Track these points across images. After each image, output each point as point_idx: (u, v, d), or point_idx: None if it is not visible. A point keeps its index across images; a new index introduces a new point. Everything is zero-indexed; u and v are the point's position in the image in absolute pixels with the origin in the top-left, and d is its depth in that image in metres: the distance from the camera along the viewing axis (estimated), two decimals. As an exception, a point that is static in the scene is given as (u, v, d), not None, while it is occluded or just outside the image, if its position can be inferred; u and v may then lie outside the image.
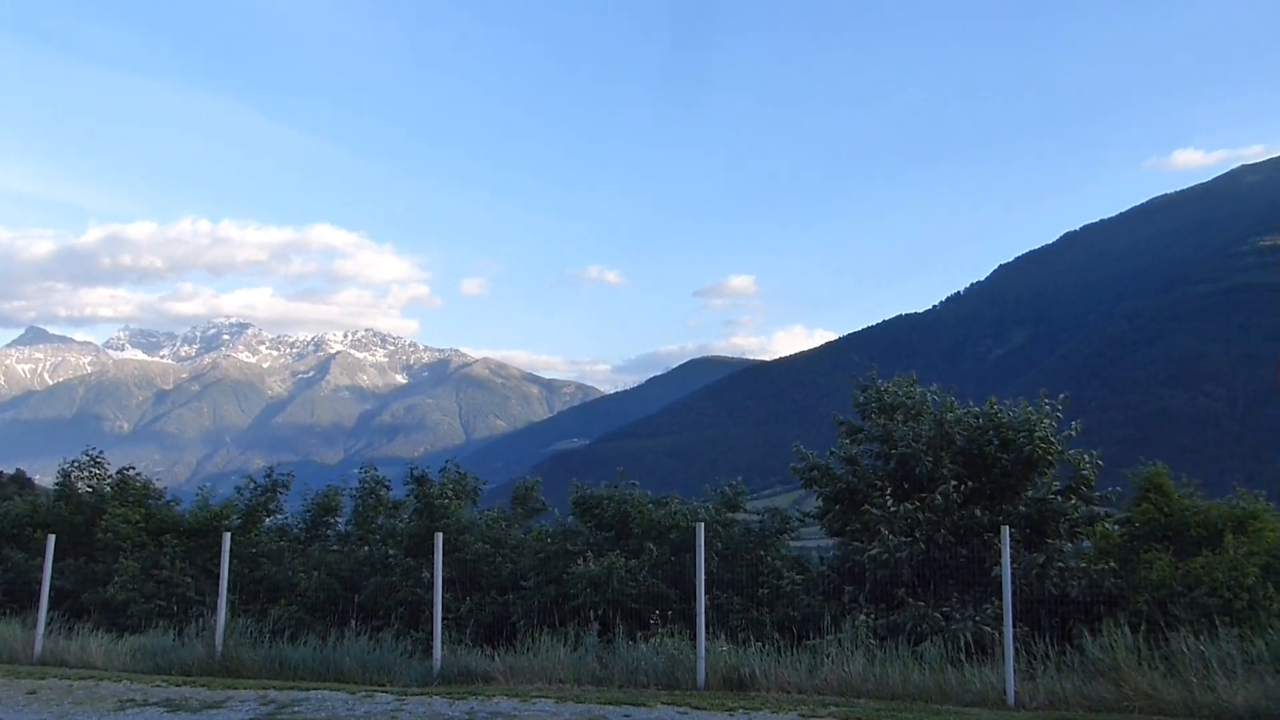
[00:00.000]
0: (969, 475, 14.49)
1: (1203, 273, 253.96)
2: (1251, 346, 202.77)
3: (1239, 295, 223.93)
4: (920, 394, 15.85)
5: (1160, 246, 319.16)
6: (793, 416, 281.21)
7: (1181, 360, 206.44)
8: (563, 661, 12.23)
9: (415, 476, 18.33)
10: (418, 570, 15.99)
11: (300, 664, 13.12)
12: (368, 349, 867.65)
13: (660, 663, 11.80)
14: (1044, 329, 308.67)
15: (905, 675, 10.85)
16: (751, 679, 11.24)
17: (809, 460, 15.80)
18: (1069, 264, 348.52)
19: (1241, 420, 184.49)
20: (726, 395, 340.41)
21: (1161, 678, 9.88)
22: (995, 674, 10.64)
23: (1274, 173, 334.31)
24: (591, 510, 16.31)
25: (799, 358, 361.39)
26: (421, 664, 12.94)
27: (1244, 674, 9.77)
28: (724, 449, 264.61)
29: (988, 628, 12.20)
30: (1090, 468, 14.62)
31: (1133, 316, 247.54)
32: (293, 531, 19.13)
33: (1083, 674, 10.45)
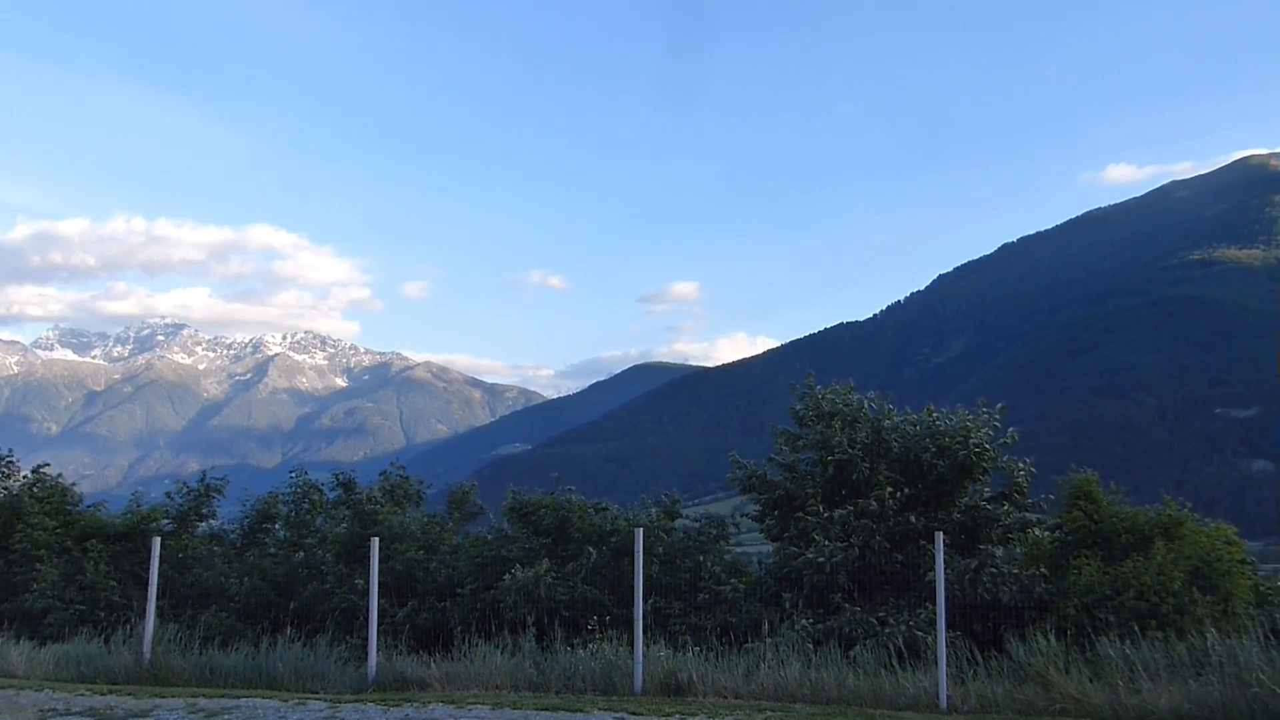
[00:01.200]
0: (905, 482, 14.68)
1: (1134, 285, 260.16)
2: (1180, 357, 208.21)
3: (1168, 307, 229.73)
4: (857, 401, 16.01)
5: (1094, 259, 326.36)
6: (734, 423, 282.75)
7: (1113, 370, 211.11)
8: (500, 668, 12.14)
9: (342, 482, 18.06)
10: (351, 577, 15.79)
11: (231, 671, 12.87)
12: (307, 351, 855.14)
13: (598, 668, 11.77)
14: (982, 338, 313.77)
15: (840, 680, 10.94)
16: (689, 684, 11.25)
17: (746, 469, 15.92)
18: (1006, 275, 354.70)
19: (1170, 429, 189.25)
20: (669, 401, 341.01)
21: (1088, 682, 10.08)
22: (928, 678, 10.77)
23: (1202, 189, 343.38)
24: (528, 516, 16.23)
25: (741, 364, 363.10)
26: (356, 671, 12.76)
27: (1167, 677, 9.99)
28: (666, 455, 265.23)
29: (921, 632, 12.36)
30: (1023, 475, 14.90)
31: (1067, 327, 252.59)
32: (229, 537, 18.75)
33: (1013, 678, 10.63)
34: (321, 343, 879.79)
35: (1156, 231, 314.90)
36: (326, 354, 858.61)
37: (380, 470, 18.88)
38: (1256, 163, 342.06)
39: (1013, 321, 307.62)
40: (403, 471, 18.84)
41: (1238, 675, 9.49)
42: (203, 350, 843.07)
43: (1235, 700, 9.27)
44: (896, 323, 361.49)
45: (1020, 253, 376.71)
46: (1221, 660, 9.79)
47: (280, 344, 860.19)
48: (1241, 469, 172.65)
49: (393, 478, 18.37)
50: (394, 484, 18.31)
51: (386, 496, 17.65)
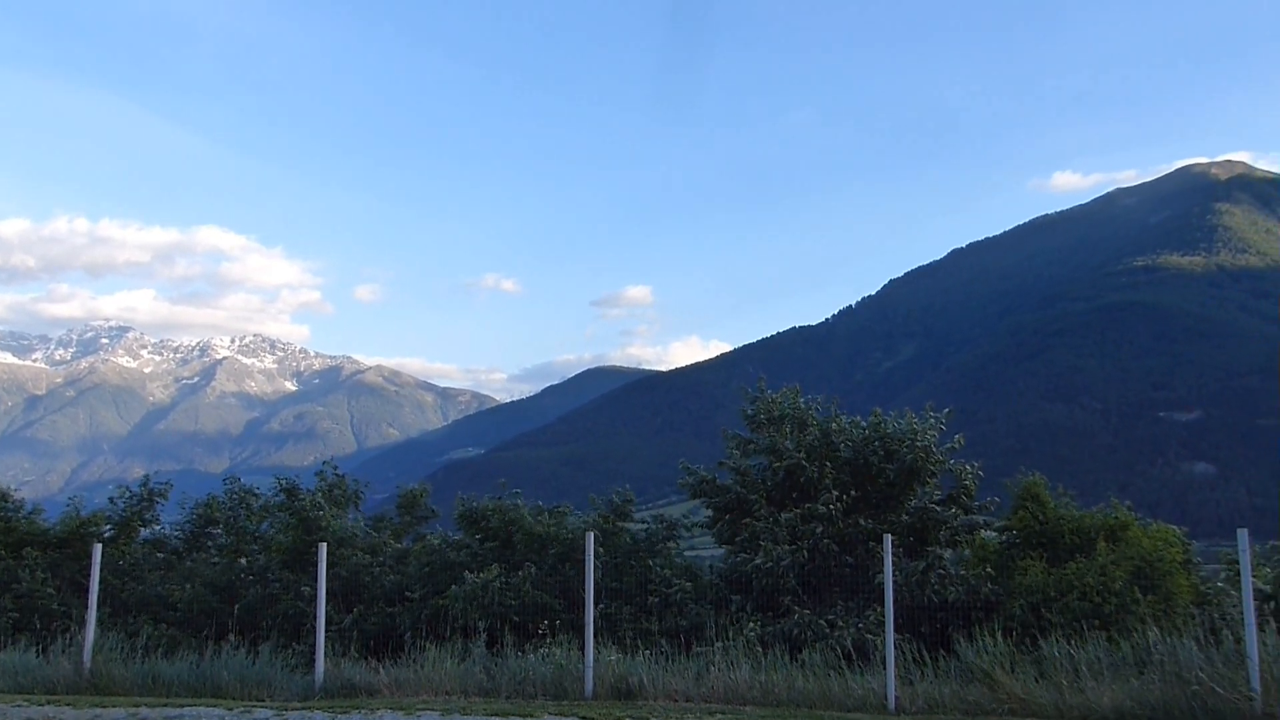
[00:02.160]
0: (854, 485, 14.80)
1: (1080, 290, 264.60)
2: (1124, 362, 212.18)
3: (1113, 313, 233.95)
4: (806, 405, 16.12)
5: (1041, 264, 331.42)
6: (688, 426, 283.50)
7: (1060, 374, 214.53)
8: (449, 673, 12.04)
9: (285, 488, 17.81)
10: (297, 583, 15.58)
11: (175, 680, 12.62)
12: (256, 355, 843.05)
13: (548, 673, 11.72)
14: (932, 342, 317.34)
15: (790, 682, 10.99)
16: (640, 688, 11.24)
17: (696, 475, 15.97)
18: (956, 280, 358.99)
19: (1115, 432, 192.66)
20: (622, 405, 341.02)
21: (1034, 681, 10.21)
22: (877, 680, 10.85)
23: (1147, 196, 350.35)
24: (477, 523, 16.15)
25: (694, 368, 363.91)
26: (303, 678, 12.59)
27: (1110, 676, 10.16)
28: (620, 458, 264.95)
29: (870, 634, 12.45)
30: (971, 478, 15.08)
31: (1015, 331, 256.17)
32: (171, 543, 18.41)
33: (960, 679, 10.74)
34: (271, 346, 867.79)
35: (1102, 238, 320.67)
36: (276, 357, 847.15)
37: (315, 470, 18.55)
38: (1198, 171, 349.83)
39: (962, 326, 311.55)
40: (338, 471, 18.55)
41: (1178, 674, 9.66)
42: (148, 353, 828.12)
43: (1175, 698, 9.44)
44: (848, 327, 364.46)
45: (969, 258, 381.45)
46: (1162, 659, 9.96)
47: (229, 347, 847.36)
48: (1184, 471, 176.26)
49: (329, 478, 18.09)
50: (331, 484, 18.04)
51: (326, 498, 17.40)
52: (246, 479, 19.07)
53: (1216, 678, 9.37)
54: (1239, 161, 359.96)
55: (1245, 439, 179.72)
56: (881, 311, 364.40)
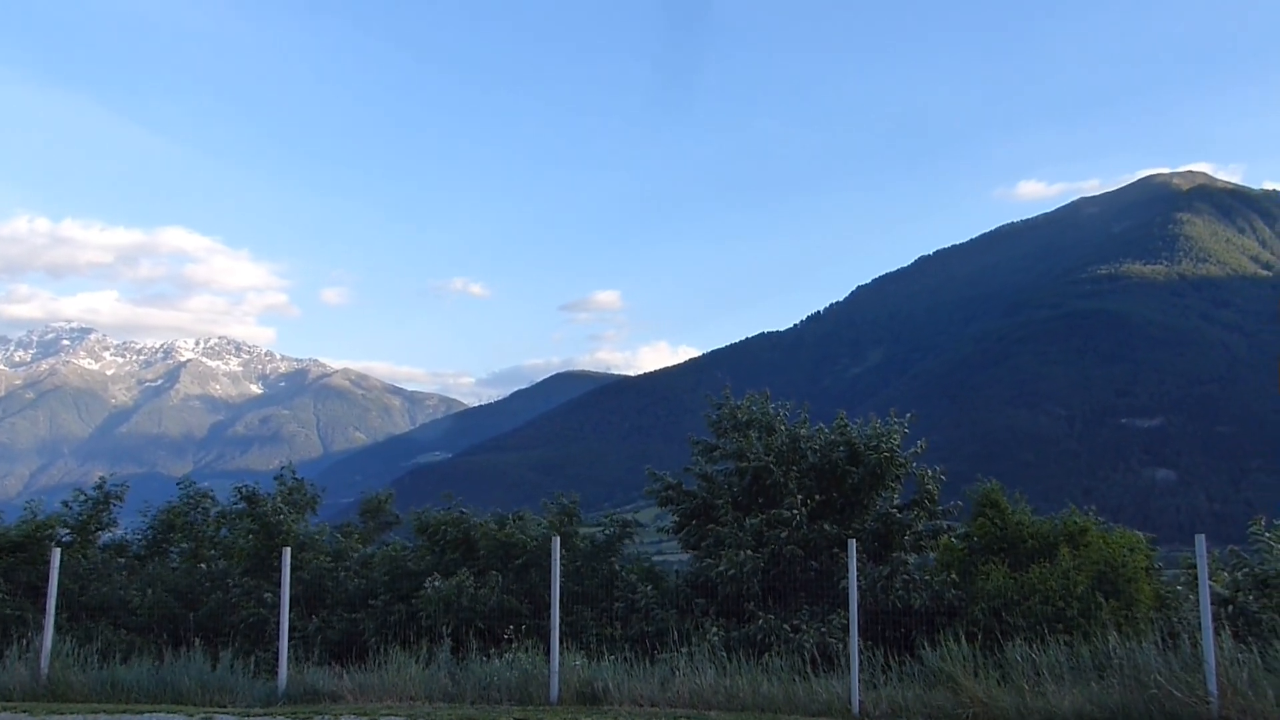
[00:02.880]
0: (820, 490, 14.88)
1: (1044, 298, 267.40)
2: (1087, 368, 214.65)
3: (1077, 320, 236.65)
4: (773, 410, 16.20)
5: (1006, 272, 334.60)
6: (656, 431, 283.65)
7: (1024, 380, 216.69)
8: (414, 679, 11.98)
9: (245, 495, 17.60)
10: (259, 589, 15.43)
11: (134, 686, 12.47)
12: (221, 357, 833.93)
13: (514, 678, 11.69)
14: (898, 348, 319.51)
15: (755, 687, 11.01)
16: (605, 693, 11.23)
17: (662, 481, 16.00)
18: (922, 286, 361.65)
19: (1078, 438, 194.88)
20: (591, 410, 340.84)
21: (996, 685, 10.29)
22: (841, 684, 10.90)
23: (1110, 206, 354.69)
24: (433, 535, 16.10)
25: (663, 373, 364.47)
26: (266, 684, 12.48)
27: (1071, 680, 10.26)
28: (588, 463, 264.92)
29: (834, 639, 12.52)
30: (934, 482, 15.21)
31: (980, 338, 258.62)
32: (132, 548, 18.16)
33: (923, 683, 10.81)
34: (236, 349, 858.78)
35: (1066, 246, 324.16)
36: (241, 360, 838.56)
37: (275, 475, 18.36)
38: (1160, 181, 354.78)
39: (928, 333, 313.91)
40: (296, 475, 18.39)
41: (1137, 677, 9.77)
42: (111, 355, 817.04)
43: (1134, 701, 9.55)
44: (816, 333, 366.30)
45: (936, 265, 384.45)
46: (1122, 663, 10.07)
47: (193, 350, 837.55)
48: (1145, 477, 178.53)
49: (288, 481, 17.92)
50: (291, 488, 17.88)
51: (286, 502, 17.23)
52: (211, 482, 18.85)
53: (1175, 681, 9.49)
54: (1200, 172, 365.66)
55: (1205, 445, 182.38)
56: (849, 318, 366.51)
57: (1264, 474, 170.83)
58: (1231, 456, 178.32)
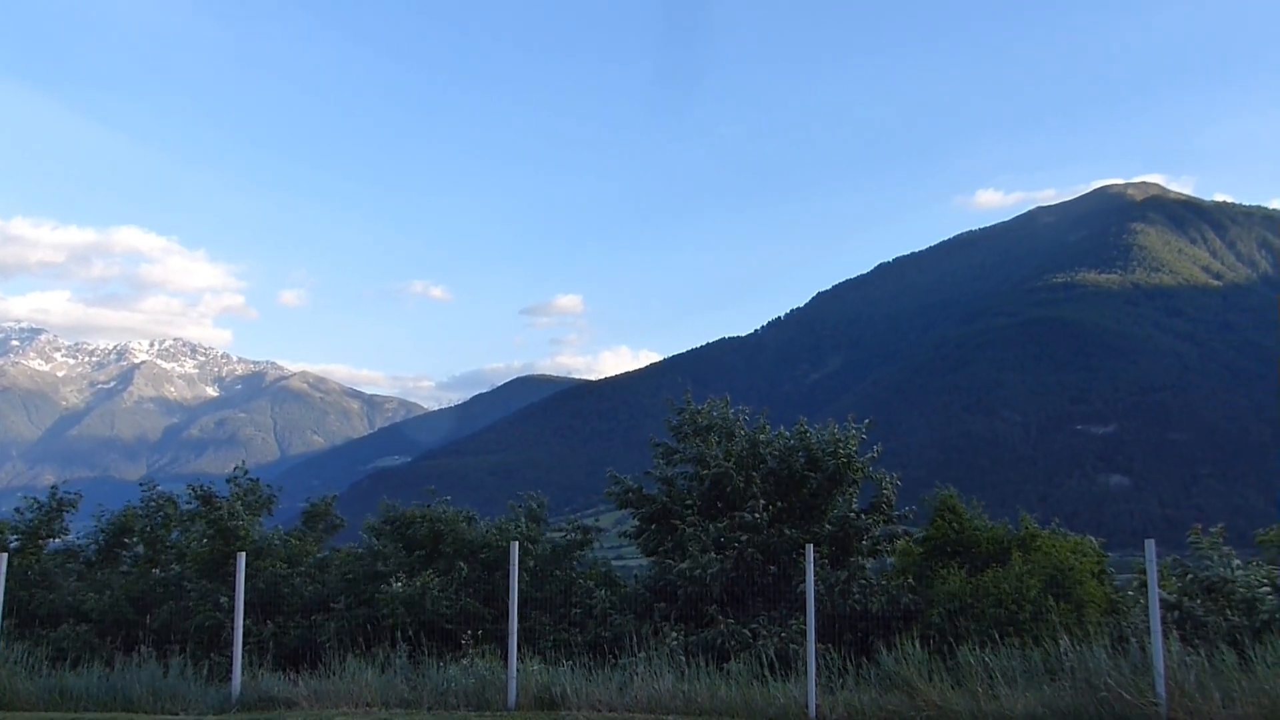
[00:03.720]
0: (779, 494, 14.96)
1: (1002, 306, 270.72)
2: (1043, 376, 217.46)
3: (1034, 328, 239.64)
4: (733, 415, 16.28)
5: (965, 280, 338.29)
6: (617, 436, 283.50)
7: (982, 387, 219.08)
8: (370, 684, 11.88)
9: (200, 495, 17.36)
10: (214, 593, 15.23)
11: (84, 693, 12.26)
12: (176, 359, 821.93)
13: (471, 684, 11.64)
14: (858, 355, 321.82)
15: (713, 691, 11.04)
16: (563, 698, 11.21)
17: (623, 484, 16.02)
18: (882, 293, 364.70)
19: (1034, 444, 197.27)
20: (552, 414, 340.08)
21: (951, 688, 10.40)
22: (798, 688, 10.95)
23: (1066, 215, 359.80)
24: (402, 530, 15.98)
25: (624, 378, 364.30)
26: (219, 690, 12.33)
27: (1024, 683, 10.39)
28: (548, 467, 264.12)
29: (793, 643, 12.58)
30: (891, 487, 15.35)
31: (939, 345, 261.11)
32: (84, 553, 17.84)
33: (879, 686, 10.89)
34: (192, 351, 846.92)
35: (1023, 255, 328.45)
36: (197, 362, 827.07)
37: (227, 476, 18.08)
38: (1115, 192, 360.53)
39: (888, 339, 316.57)
40: (248, 475, 18.13)
41: (1088, 680, 9.92)
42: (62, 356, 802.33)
43: (1085, 704, 9.69)
44: (777, 339, 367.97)
45: (896, 273, 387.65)
46: (1073, 666, 10.22)
47: (147, 351, 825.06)
48: (1100, 483, 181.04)
49: (243, 483, 17.69)
50: (245, 489, 17.62)
51: (240, 504, 16.98)
52: (164, 487, 18.54)
53: (1125, 684, 9.64)
54: (1153, 183, 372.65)
55: (1158, 452, 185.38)
56: (809, 324, 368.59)
57: (1214, 480, 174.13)
58: (1183, 463, 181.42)
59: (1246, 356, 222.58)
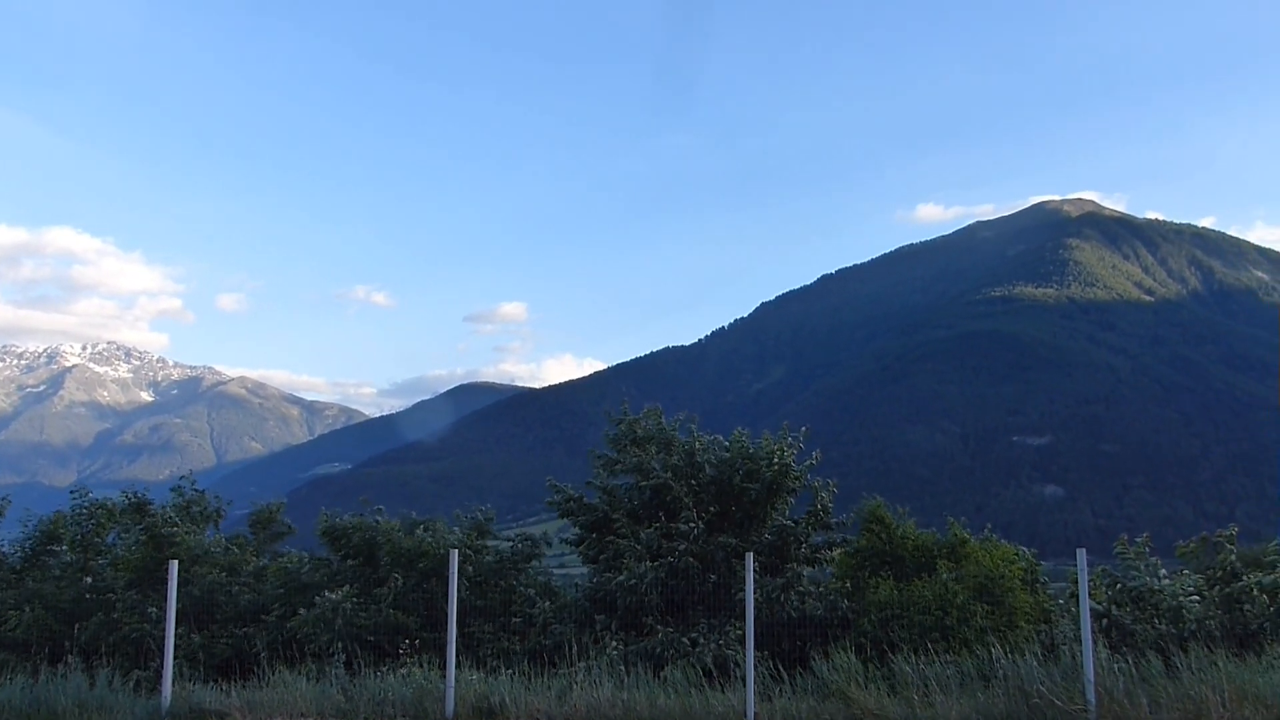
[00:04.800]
0: (718, 503, 15.04)
1: (941, 318, 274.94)
2: (981, 388, 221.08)
3: (972, 340, 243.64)
4: (669, 425, 16.36)
5: (906, 292, 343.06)
6: (560, 444, 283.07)
7: (921, 398, 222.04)
8: (305, 695, 11.71)
9: (133, 503, 16.98)
10: (144, 604, 14.90)
11: (5, 706, 11.94)
12: (109, 363, 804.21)
13: (409, 694, 11.52)
14: (801, 365, 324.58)
15: (652, 700, 11.04)
16: (501, 707, 11.14)
17: (564, 493, 16.01)
18: (825, 305, 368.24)
19: (972, 455, 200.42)
20: (495, 422, 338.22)
21: (886, 696, 10.52)
22: (737, 697, 11.00)
23: (1004, 229, 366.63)
24: (339, 540, 15.80)
25: (568, 386, 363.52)
26: (149, 702, 12.07)
27: (958, 690, 10.54)
28: (491, 475, 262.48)
29: (731, 651, 12.65)
30: (827, 495, 15.52)
31: (880, 356, 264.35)
32: (8, 561, 17.36)
33: (816, 694, 10.98)
34: (126, 354, 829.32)
35: (962, 269, 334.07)
36: (131, 366, 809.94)
37: (171, 486, 17.75)
38: (1052, 208, 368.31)
39: (830, 350, 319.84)
40: (196, 486, 17.85)
41: (1020, 687, 10.08)
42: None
43: (1018, 711, 9.85)
44: (720, 348, 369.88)
45: (838, 284, 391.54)
46: (1006, 673, 10.39)
47: (79, 355, 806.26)
48: (1035, 493, 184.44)
49: (187, 493, 17.36)
50: (189, 500, 17.33)
51: (181, 515, 16.67)
52: (97, 493, 18.11)
53: (1056, 691, 9.82)
54: (1088, 200, 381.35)
55: (1091, 463, 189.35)
56: (753, 334, 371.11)
57: (1145, 491, 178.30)
58: (1115, 474, 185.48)
59: (1176, 371, 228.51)
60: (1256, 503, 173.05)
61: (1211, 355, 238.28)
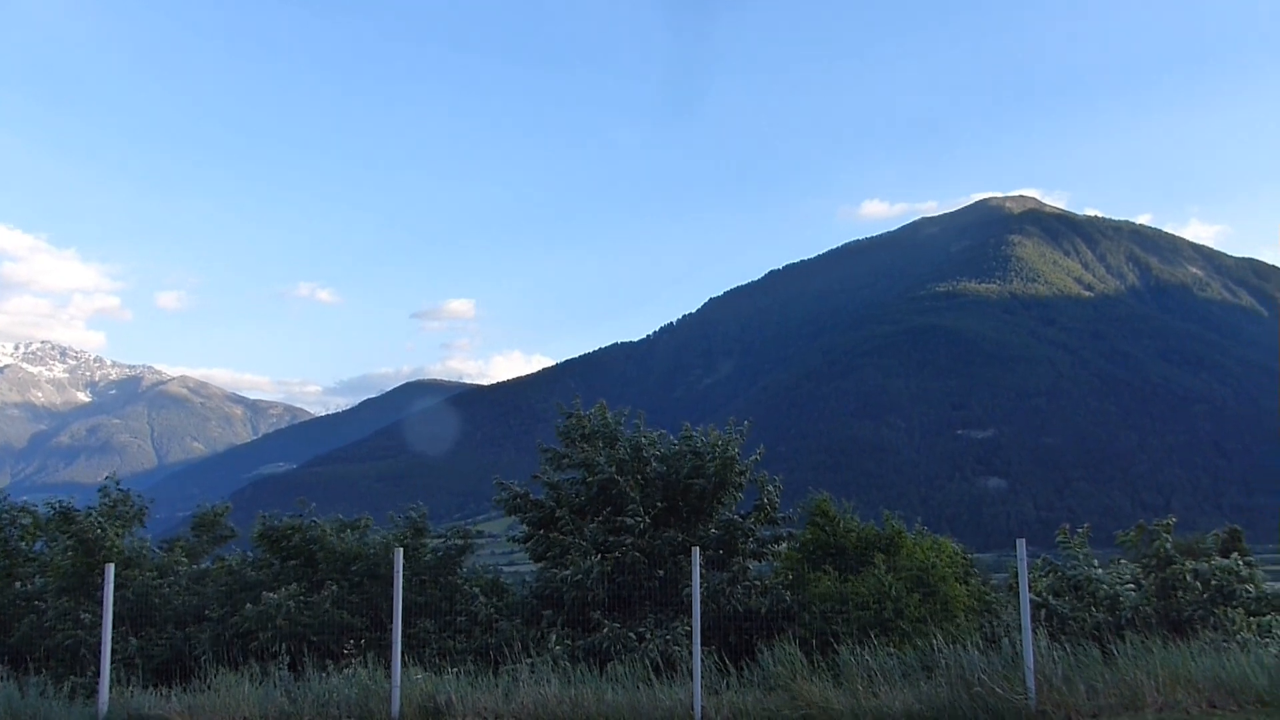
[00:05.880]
0: (665, 498, 15.08)
1: (887, 314, 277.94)
2: (926, 382, 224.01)
3: (917, 336, 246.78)
4: (615, 420, 16.38)
5: (852, 288, 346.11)
6: (509, 441, 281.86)
7: (868, 393, 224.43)
8: (248, 698, 11.53)
9: (60, 511, 16.47)
10: (75, 610, 14.56)
11: (-69, 715, 11.61)
12: (44, 363, 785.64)
13: (354, 694, 11.39)
14: (749, 360, 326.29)
15: (599, 696, 11.03)
16: (448, 706, 11.06)
17: (510, 490, 15.96)
18: (772, 301, 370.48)
19: (917, 449, 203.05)
20: (442, 419, 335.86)
21: (831, 688, 10.61)
22: (684, 691, 11.02)
23: (948, 226, 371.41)
24: (277, 542, 15.59)
25: (516, 383, 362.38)
26: (85, 709, 11.81)
27: (901, 680, 10.67)
28: (439, 474, 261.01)
29: (678, 646, 12.69)
30: (774, 490, 15.64)
31: (827, 351, 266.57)
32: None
33: (762, 687, 11.04)
34: (61, 354, 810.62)
35: (907, 265, 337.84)
36: (67, 366, 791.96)
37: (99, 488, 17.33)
38: (994, 204, 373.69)
39: (778, 345, 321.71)
40: (121, 487, 17.41)
41: (962, 676, 10.22)
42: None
43: (960, 700, 9.99)
44: (669, 344, 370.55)
45: (785, 280, 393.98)
46: (948, 663, 10.53)
47: (11, 354, 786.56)
48: (979, 486, 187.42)
49: (113, 494, 16.97)
50: (115, 500, 16.90)
51: (108, 517, 16.24)
52: (32, 496, 17.65)
53: (996, 679, 9.98)
54: (1030, 197, 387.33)
55: (1033, 456, 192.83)
56: (701, 329, 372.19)
57: (1085, 483, 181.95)
58: (1056, 466, 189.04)
59: (1115, 365, 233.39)
60: (1191, 494, 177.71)
61: (1149, 350, 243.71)
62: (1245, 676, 9.60)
